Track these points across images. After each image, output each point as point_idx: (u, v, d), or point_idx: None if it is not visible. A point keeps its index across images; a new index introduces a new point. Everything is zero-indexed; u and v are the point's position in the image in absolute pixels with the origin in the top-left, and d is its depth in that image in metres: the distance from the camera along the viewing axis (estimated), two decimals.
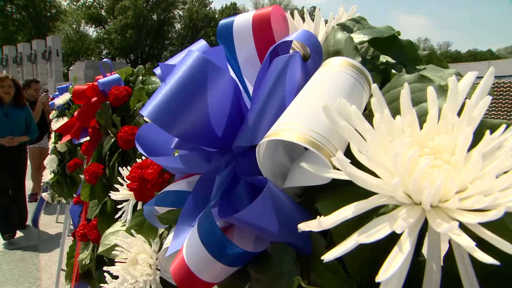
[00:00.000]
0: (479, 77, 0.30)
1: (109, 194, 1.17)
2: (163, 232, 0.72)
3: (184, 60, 0.35)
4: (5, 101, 3.78)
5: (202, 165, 0.45)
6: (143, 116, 1.26)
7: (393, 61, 0.49)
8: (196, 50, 0.46)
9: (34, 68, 30.81)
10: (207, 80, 0.33)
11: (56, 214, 4.81)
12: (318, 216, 0.25)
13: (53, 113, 2.91)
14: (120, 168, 0.76)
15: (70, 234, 1.79)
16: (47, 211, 4.78)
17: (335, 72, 0.32)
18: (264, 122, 0.33)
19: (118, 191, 0.83)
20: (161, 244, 0.68)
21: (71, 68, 30.58)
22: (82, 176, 2.78)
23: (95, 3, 56.37)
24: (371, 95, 0.31)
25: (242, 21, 0.42)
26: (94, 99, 1.37)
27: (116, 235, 0.75)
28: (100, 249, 0.76)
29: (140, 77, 1.40)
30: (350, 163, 0.24)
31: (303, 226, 0.25)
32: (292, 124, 0.28)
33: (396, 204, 0.26)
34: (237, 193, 0.37)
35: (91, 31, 55.64)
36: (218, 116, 0.35)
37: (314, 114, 0.28)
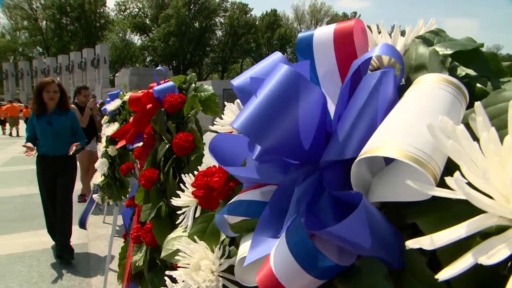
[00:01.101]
0: None
1: (170, 199, 1.21)
2: (224, 239, 0.74)
3: (274, 74, 0.36)
4: (49, 107, 3.57)
5: (278, 176, 0.45)
6: (190, 123, 1.28)
7: (473, 73, 0.47)
8: (278, 63, 0.47)
9: (83, 75, 32.54)
10: (299, 94, 0.34)
11: (103, 214, 5.02)
12: (427, 235, 0.25)
13: (104, 119, 3.05)
14: (183, 175, 0.78)
15: (122, 236, 1.86)
16: (94, 212, 4.98)
17: (431, 88, 0.32)
18: (354, 138, 0.33)
19: (179, 197, 0.85)
20: (224, 251, 0.70)
21: (117, 74, 32.00)
22: (129, 179, 2.91)
23: (140, 13, 58.80)
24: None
25: (323, 35, 0.42)
26: (149, 106, 1.42)
27: (178, 241, 0.77)
28: (163, 254, 0.79)
29: (193, 85, 1.44)
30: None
31: (412, 244, 0.25)
32: (391, 141, 0.28)
33: (505, 224, 0.26)
34: (321, 205, 0.37)
35: (136, 39, 58.05)
36: (307, 130, 0.35)
37: (415, 131, 0.28)
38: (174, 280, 0.81)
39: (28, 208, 5.39)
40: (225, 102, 0.70)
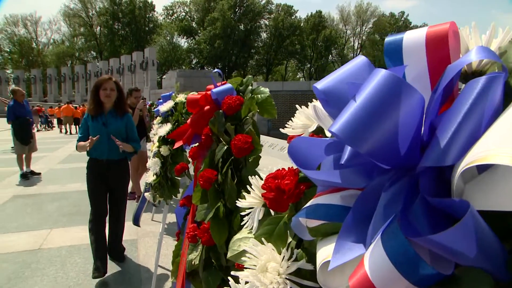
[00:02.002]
0: None
1: (227, 200, 1.24)
2: (290, 241, 0.74)
3: (373, 78, 0.36)
4: (105, 106, 3.36)
5: (362, 181, 0.45)
6: (247, 126, 1.29)
7: None
8: (356, 66, 0.47)
9: (133, 77, 34.04)
10: (400, 98, 0.34)
11: (152, 212, 5.20)
12: None
13: (157, 119, 3.17)
14: (250, 177, 0.80)
15: (175, 234, 1.91)
16: (145, 209, 5.17)
17: None
18: (456, 144, 0.32)
19: (237, 198, 0.87)
20: (291, 254, 0.70)
21: (164, 76, 33.20)
22: (179, 178, 3.00)
23: (187, 16, 60.63)
24: None
25: (414, 38, 0.41)
26: (207, 107, 1.46)
27: (244, 242, 0.78)
28: (229, 254, 0.80)
29: (250, 87, 1.46)
30: None
31: None
32: (505, 148, 0.28)
33: None
34: (414, 212, 0.37)
35: (183, 42, 59.97)
36: (405, 135, 0.35)
37: None
38: (237, 281, 0.82)
39: (84, 203, 5.70)
40: (297, 105, 0.71)
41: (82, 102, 34.71)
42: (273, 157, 8.83)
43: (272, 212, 0.82)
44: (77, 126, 21.67)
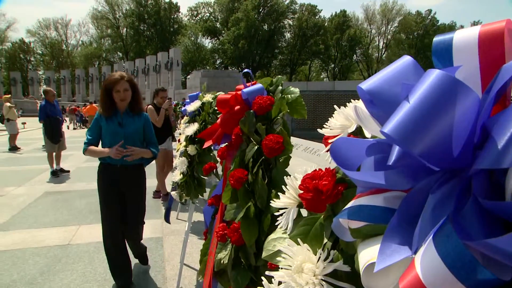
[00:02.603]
0: None
1: (258, 200, 1.24)
2: (326, 242, 0.74)
3: (426, 79, 0.35)
4: (120, 108, 2.98)
5: (406, 183, 0.45)
6: (287, 127, 1.29)
7: None
8: (402, 66, 0.47)
9: (158, 77, 34.63)
10: (456, 99, 0.33)
11: (177, 211, 5.27)
12: None
13: (184, 119, 3.21)
14: (285, 178, 0.80)
15: (203, 233, 1.93)
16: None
17: None
18: None
19: (266, 198, 0.88)
20: (328, 255, 0.70)
21: (188, 76, 33.65)
22: (206, 178, 3.03)
23: (211, 17, 61.19)
24: None
25: (465, 37, 0.41)
26: (237, 107, 1.47)
27: (279, 242, 0.79)
28: (264, 254, 0.81)
29: (279, 87, 1.46)
30: None
31: None
32: None
33: None
34: (465, 214, 0.36)
35: (207, 43, 60.62)
36: (459, 136, 0.34)
37: None
38: (270, 281, 0.83)
39: None
40: (335, 106, 0.71)
41: None
42: (298, 158, 8.80)
43: (304, 212, 0.82)
44: None
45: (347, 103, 0.66)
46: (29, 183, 7.29)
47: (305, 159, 8.93)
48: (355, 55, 61.17)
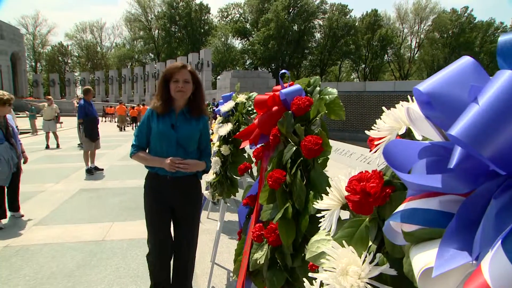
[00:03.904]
0: None
1: (296, 201, 1.24)
2: (371, 245, 0.73)
3: (497, 80, 0.35)
4: (177, 103, 2.48)
5: (465, 187, 0.44)
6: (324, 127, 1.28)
7: None
8: (462, 67, 0.46)
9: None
10: None
11: (207, 210, 5.34)
12: None
13: (218, 119, 3.25)
14: (330, 179, 0.80)
15: (237, 233, 1.95)
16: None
17: None
18: None
19: (304, 198, 0.88)
20: (373, 258, 0.69)
21: (218, 77, 34.07)
22: (238, 178, 3.05)
23: (241, 18, 61.64)
24: None
25: None
26: (275, 108, 1.47)
27: (323, 243, 0.79)
28: (308, 256, 0.81)
29: (317, 88, 1.45)
30: None
31: None
32: None
33: None
34: None
35: (237, 43, 61.11)
36: None
37: None
38: (311, 282, 0.83)
39: (142, 200, 5.99)
40: (383, 108, 0.70)
41: (140, 101, 36.51)
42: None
43: (344, 215, 0.82)
44: (134, 125, 23.04)
45: (397, 105, 0.65)
46: (65, 180, 7.58)
47: (336, 160, 8.84)
48: (386, 55, 59.94)
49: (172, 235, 2.67)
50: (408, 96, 0.71)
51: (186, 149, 2.49)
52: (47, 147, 12.49)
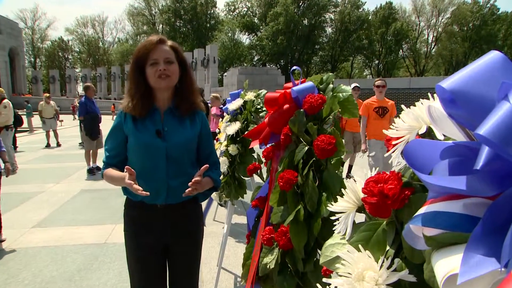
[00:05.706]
0: None
1: (307, 203, 1.24)
2: (388, 250, 0.73)
3: None
4: (160, 98, 1.82)
5: (491, 189, 0.44)
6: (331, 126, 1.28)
7: None
8: (490, 63, 0.45)
9: (194, 74, 35.23)
10: None
11: (214, 212, 5.35)
12: None
13: (226, 118, 3.25)
14: (345, 180, 0.80)
15: (246, 236, 1.95)
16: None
17: None
18: None
19: (316, 201, 0.88)
20: (392, 263, 0.69)
21: (225, 74, 34.12)
22: (246, 179, 3.05)
23: (249, 12, 61.64)
24: None
25: None
26: (286, 106, 1.47)
27: (337, 248, 0.78)
28: (322, 260, 0.81)
29: (330, 85, 1.45)
30: None
31: None
32: None
33: None
34: None
35: (244, 39, 61.13)
36: None
37: None
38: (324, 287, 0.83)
39: None
40: (402, 106, 0.70)
41: None
42: None
43: (359, 217, 0.82)
44: None
45: (418, 103, 0.65)
46: (66, 180, 7.65)
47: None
48: (401, 50, 59.48)
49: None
50: (429, 94, 0.70)
51: (177, 165, 1.83)
52: (48, 145, 12.62)
